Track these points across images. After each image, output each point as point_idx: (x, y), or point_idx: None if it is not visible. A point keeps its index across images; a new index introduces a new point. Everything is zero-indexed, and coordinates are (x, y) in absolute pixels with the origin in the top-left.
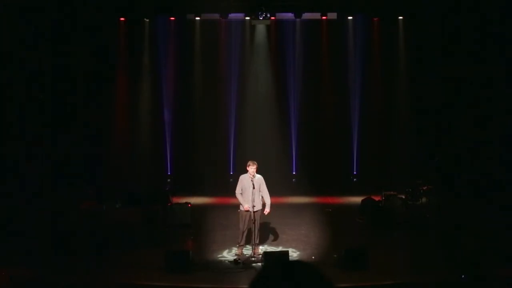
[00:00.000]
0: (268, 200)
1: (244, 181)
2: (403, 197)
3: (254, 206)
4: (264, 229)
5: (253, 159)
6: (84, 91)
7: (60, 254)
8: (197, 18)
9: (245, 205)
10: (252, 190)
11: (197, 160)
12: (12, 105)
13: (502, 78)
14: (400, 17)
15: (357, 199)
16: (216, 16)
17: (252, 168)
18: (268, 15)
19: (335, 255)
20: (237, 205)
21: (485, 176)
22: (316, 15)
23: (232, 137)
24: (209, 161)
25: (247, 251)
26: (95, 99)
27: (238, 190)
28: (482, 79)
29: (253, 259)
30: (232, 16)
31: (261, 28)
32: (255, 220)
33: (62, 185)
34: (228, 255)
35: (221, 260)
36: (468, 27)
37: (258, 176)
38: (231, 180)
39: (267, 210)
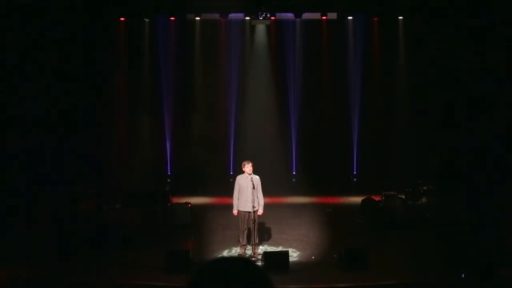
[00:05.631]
0: (262, 202)
1: (241, 181)
2: (403, 197)
3: (254, 206)
4: (264, 229)
5: (253, 159)
6: (83, 91)
7: (60, 254)
8: (197, 18)
9: (234, 211)
10: (251, 190)
11: (197, 160)
12: (13, 104)
13: (502, 77)
14: (400, 17)
15: (357, 199)
16: (216, 16)
17: (248, 167)
18: (268, 15)
19: (335, 255)
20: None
21: (486, 176)
22: (316, 15)
23: (232, 137)
24: (209, 161)
25: (248, 251)
26: (95, 98)
27: (235, 192)
28: (483, 79)
29: (253, 259)
30: (232, 16)
31: (261, 28)
32: (255, 220)
33: (62, 185)
34: (228, 255)
35: None
36: (468, 26)
37: (256, 176)
38: (231, 180)
39: (260, 211)
